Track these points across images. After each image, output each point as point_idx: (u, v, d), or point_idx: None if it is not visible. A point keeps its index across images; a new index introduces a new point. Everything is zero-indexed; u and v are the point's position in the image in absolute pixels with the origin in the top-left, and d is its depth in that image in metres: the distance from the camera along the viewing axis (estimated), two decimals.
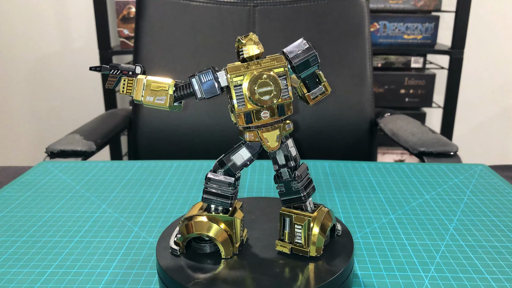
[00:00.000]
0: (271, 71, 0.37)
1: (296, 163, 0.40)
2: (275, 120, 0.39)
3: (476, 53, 1.85)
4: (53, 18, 1.82)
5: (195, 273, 0.38)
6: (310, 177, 0.42)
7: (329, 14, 0.99)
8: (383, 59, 1.62)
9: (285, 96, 0.38)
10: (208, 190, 0.40)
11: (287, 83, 0.38)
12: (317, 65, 0.39)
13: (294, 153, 0.41)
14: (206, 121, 0.99)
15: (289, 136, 0.41)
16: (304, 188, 0.40)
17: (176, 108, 0.41)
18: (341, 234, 0.43)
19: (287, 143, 0.40)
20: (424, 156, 0.79)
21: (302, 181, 0.40)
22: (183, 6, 0.98)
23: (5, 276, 0.43)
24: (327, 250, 0.40)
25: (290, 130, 0.40)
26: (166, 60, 0.98)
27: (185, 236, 0.40)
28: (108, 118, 0.99)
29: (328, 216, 0.41)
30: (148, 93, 0.39)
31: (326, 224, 0.40)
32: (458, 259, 0.45)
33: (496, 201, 0.58)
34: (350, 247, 0.41)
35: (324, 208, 0.41)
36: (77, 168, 0.70)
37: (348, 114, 0.99)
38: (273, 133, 0.39)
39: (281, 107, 0.38)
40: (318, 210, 0.41)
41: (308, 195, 0.41)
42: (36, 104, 1.93)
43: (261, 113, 0.38)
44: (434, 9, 1.56)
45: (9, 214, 0.55)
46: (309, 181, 0.41)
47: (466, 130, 1.96)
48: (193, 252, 0.41)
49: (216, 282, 0.36)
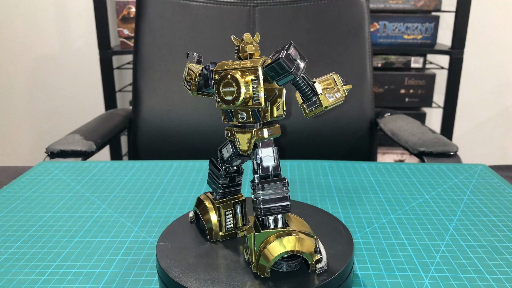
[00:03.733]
0: (238, 72, 0.36)
1: (264, 173, 0.37)
2: (250, 124, 0.38)
3: (476, 53, 1.85)
4: (53, 18, 1.82)
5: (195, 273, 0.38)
6: (286, 195, 0.37)
7: (329, 14, 0.99)
8: (383, 59, 1.62)
9: (255, 101, 0.36)
10: (209, 173, 0.44)
11: (258, 88, 0.36)
12: (290, 73, 0.35)
13: (267, 163, 0.37)
14: (206, 121, 0.99)
15: (270, 144, 0.38)
16: (264, 202, 0.37)
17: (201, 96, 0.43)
18: (326, 269, 0.37)
19: (257, 151, 0.38)
20: (424, 156, 0.79)
21: (262, 195, 0.37)
22: (183, 6, 0.98)
23: (5, 276, 0.43)
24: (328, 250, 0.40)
25: (262, 138, 0.37)
26: (166, 60, 0.98)
27: (194, 209, 0.46)
28: (108, 118, 0.99)
29: (291, 243, 0.36)
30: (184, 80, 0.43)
31: (273, 249, 0.36)
32: (458, 259, 0.45)
33: (496, 201, 0.58)
34: (350, 247, 0.41)
35: (293, 236, 0.36)
36: (77, 168, 0.70)
37: (348, 114, 0.99)
38: (244, 136, 0.38)
39: (254, 111, 0.37)
40: (277, 234, 0.37)
41: (268, 211, 0.37)
42: (36, 104, 1.93)
43: (239, 113, 0.38)
44: (434, 9, 1.56)
45: (9, 214, 0.55)
46: (279, 199, 0.37)
47: (466, 130, 1.96)
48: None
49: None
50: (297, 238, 0.37)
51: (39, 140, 1.99)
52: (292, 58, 0.35)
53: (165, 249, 0.41)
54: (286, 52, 0.35)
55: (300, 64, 0.36)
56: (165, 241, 0.42)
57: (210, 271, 0.38)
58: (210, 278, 0.37)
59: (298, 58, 0.35)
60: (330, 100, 0.37)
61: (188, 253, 0.41)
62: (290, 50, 0.35)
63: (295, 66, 0.35)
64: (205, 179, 0.65)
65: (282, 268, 0.37)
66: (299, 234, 0.37)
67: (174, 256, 0.40)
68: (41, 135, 1.98)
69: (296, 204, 0.50)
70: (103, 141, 0.87)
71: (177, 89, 0.98)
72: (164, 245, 0.42)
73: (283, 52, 0.35)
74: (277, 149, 0.38)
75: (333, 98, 0.38)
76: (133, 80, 1.00)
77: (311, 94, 0.37)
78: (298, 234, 0.37)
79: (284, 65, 0.35)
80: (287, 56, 0.35)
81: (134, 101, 1.00)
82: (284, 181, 0.37)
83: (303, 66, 0.36)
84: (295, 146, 1.00)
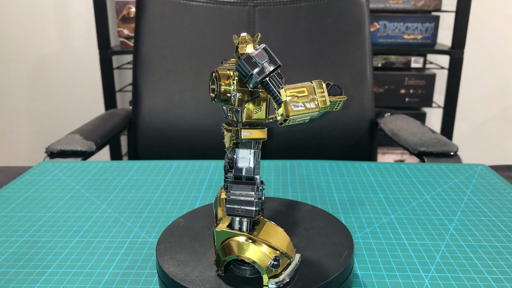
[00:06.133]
0: (224, 71, 0.36)
1: (236, 173, 0.37)
2: (234, 123, 0.38)
3: (476, 53, 1.85)
4: (53, 18, 1.82)
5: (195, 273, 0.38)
6: (252, 200, 0.36)
7: (329, 14, 0.99)
8: (383, 59, 1.62)
9: (233, 101, 0.36)
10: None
11: (234, 88, 0.36)
12: (251, 76, 0.34)
13: (241, 165, 0.37)
14: (206, 121, 0.99)
15: (249, 146, 0.37)
16: (229, 202, 0.37)
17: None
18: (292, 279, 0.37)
19: (236, 151, 0.37)
20: (424, 156, 0.79)
21: (230, 194, 0.37)
22: (183, 6, 0.98)
23: (5, 276, 0.43)
24: (327, 250, 0.40)
25: (239, 138, 0.37)
26: (166, 60, 0.98)
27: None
28: (108, 118, 0.99)
29: (242, 248, 0.36)
30: None
31: (227, 249, 0.36)
32: (458, 259, 0.45)
33: (496, 201, 0.58)
34: (350, 247, 0.41)
35: (247, 243, 0.36)
36: (77, 168, 0.70)
37: (348, 114, 0.99)
38: (228, 134, 0.38)
39: (233, 111, 0.37)
40: (233, 236, 0.37)
41: (232, 212, 0.37)
42: (36, 104, 1.93)
43: (228, 111, 0.38)
44: (434, 9, 1.56)
45: (9, 214, 0.55)
46: (244, 202, 0.36)
47: (466, 130, 1.96)
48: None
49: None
50: (251, 246, 0.36)
51: (39, 140, 1.99)
52: (254, 61, 0.34)
53: (165, 249, 0.41)
54: (249, 54, 0.34)
55: (266, 68, 0.34)
56: (165, 241, 0.42)
57: (210, 270, 0.38)
58: (210, 278, 0.37)
59: (266, 62, 0.34)
60: (296, 109, 0.34)
61: (188, 253, 0.41)
62: (255, 52, 0.35)
63: (259, 70, 0.34)
64: (205, 179, 0.65)
65: (246, 274, 0.37)
66: (260, 243, 0.36)
67: (174, 256, 0.40)
68: (41, 135, 1.98)
69: (296, 204, 0.50)
70: (103, 141, 0.87)
71: (177, 89, 0.98)
72: (178, 221, 0.42)
73: (245, 55, 0.34)
74: (256, 152, 0.37)
75: (301, 108, 0.34)
76: (133, 80, 1.00)
77: (279, 100, 0.35)
78: (257, 242, 0.36)
79: (243, 67, 0.34)
80: (247, 58, 0.34)
81: (134, 101, 1.00)
82: (253, 185, 0.36)
83: (271, 70, 0.35)
84: (295, 146, 1.00)
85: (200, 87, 0.98)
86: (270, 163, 0.71)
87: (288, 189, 0.62)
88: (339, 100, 0.36)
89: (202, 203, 0.57)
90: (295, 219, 0.46)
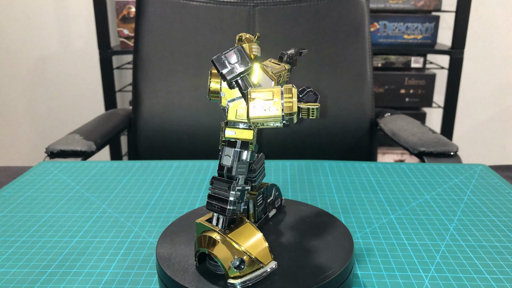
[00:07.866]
0: (215, 70, 0.36)
1: (218, 170, 0.38)
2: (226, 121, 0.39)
3: (476, 53, 1.85)
4: (53, 18, 1.82)
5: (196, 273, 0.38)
6: (227, 199, 0.36)
7: (329, 14, 0.99)
8: (383, 59, 1.62)
9: (220, 99, 0.37)
10: None
11: (221, 87, 0.36)
12: (221, 75, 0.35)
13: (224, 162, 0.37)
14: (206, 121, 0.99)
15: (234, 145, 0.37)
16: (208, 196, 0.38)
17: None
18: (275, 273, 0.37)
19: (222, 148, 0.38)
20: (424, 156, 0.79)
21: (210, 189, 0.38)
22: (183, 6, 0.98)
23: (5, 276, 0.43)
24: (327, 250, 0.40)
25: (224, 137, 0.38)
26: (166, 60, 0.98)
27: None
28: (108, 118, 0.99)
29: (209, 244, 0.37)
30: None
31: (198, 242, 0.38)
32: (458, 259, 0.45)
33: (496, 201, 0.58)
34: (350, 247, 0.41)
35: (213, 239, 0.36)
36: (77, 168, 0.70)
37: (348, 114, 0.99)
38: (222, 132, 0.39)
39: (222, 109, 0.38)
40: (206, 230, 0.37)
41: (210, 207, 0.37)
42: (36, 104, 1.93)
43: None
44: (434, 9, 1.56)
45: (9, 214, 0.55)
46: (220, 199, 0.37)
47: (466, 130, 1.96)
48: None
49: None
50: (218, 243, 0.36)
51: (39, 140, 1.99)
52: (224, 61, 0.34)
53: (166, 248, 0.41)
54: (220, 54, 0.35)
55: (237, 68, 0.35)
56: (165, 241, 0.42)
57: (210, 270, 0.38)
58: (210, 278, 0.37)
59: (237, 63, 0.35)
60: (256, 113, 0.34)
61: (188, 253, 0.41)
62: (228, 53, 0.35)
63: (228, 70, 0.34)
64: (205, 179, 0.65)
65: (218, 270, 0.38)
66: (229, 243, 0.36)
67: (174, 256, 0.40)
68: (41, 135, 1.98)
69: (296, 204, 0.50)
70: (103, 141, 0.87)
71: (177, 89, 0.98)
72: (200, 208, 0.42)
73: (218, 54, 0.35)
74: (237, 152, 0.37)
75: (262, 112, 0.34)
76: (133, 80, 1.00)
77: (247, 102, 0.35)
78: (226, 241, 0.36)
79: (214, 66, 0.35)
80: (218, 58, 0.35)
81: (134, 101, 1.00)
82: (230, 184, 0.36)
83: (241, 71, 0.35)
84: (296, 146, 1.00)
85: (200, 87, 0.98)
86: (270, 163, 0.71)
87: (288, 189, 0.62)
88: (313, 108, 0.35)
89: (202, 203, 0.57)
90: (295, 219, 0.46)
